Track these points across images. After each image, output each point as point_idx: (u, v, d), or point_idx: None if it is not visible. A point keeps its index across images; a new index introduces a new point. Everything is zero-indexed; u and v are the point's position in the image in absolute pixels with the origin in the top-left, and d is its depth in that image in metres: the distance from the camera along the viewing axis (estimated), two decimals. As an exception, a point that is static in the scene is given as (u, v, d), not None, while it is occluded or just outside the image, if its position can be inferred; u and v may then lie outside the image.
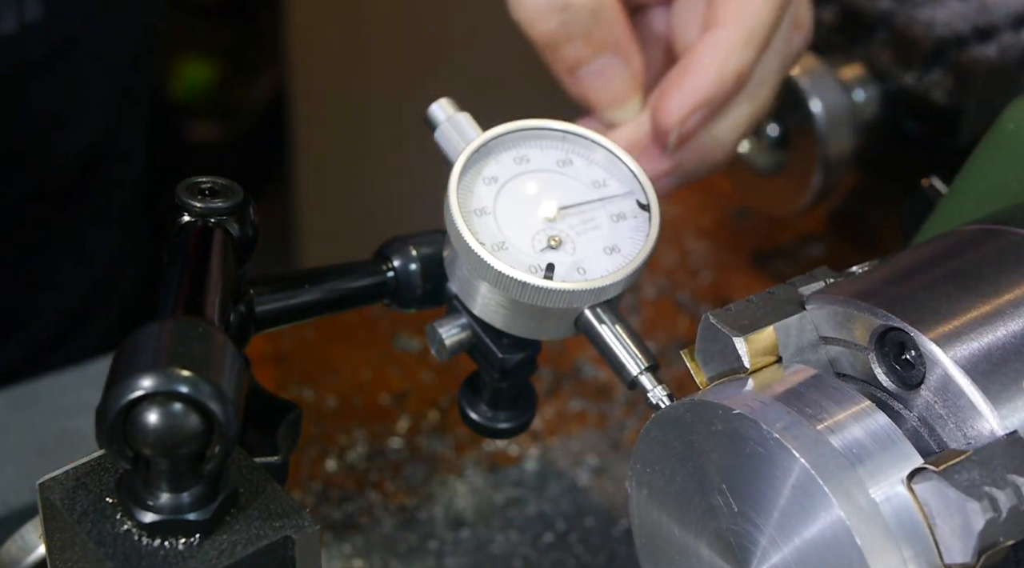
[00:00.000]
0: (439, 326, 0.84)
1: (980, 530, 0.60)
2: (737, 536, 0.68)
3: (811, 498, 0.63)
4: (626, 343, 0.80)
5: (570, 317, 0.81)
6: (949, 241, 0.76)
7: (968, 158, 0.85)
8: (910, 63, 1.23)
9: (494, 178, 0.83)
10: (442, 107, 0.86)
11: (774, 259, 1.35)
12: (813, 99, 1.25)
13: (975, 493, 0.61)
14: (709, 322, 0.70)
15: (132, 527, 0.65)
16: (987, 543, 0.61)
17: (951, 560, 0.61)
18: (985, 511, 0.60)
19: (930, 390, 0.67)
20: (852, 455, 0.64)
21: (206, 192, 0.76)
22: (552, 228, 0.82)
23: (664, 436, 0.70)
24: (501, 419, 0.87)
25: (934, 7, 1.25)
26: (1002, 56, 1.22)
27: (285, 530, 0.66)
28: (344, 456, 1.12)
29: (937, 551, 0.62)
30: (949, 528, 0.61)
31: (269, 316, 0.82)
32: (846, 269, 0.75)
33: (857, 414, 0.66)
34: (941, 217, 0.85)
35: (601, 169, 0.84)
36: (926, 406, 0.67)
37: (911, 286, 0.70)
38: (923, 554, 0.63)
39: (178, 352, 0.63)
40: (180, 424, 0.62)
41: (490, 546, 1.06)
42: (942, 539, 0.62)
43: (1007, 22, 1.25)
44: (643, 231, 0.82)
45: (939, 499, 0.62)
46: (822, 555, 0.64)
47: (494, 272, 0.79)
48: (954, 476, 0.62)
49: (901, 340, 0.67)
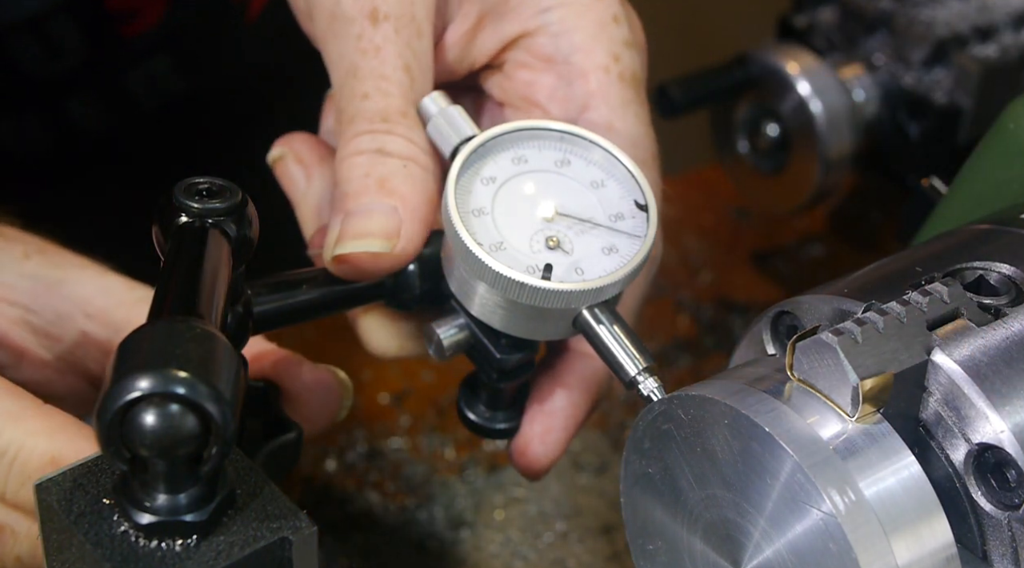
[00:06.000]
0: (437, 326, 0.84)
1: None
2: (730, 528, 0.68)
3: (802, 492, 0.64)
4: (624, 343, 0.80)
5: (568, 317, 0.81)
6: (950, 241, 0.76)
7: (968, 158, 0.85)
8: (910, 63, 1.23)
9: (492, 178, 0.83)
10: (434, 100, 0.86)
11: (774, 259, 1.35)
12: (813, 99, 1.25)
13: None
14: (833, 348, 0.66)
15: (129, 528, 0.65)
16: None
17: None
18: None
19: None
20: (843, 450, 0.64)
21: (204, 193, 0.76)
22: (550, 228, 0.81)
23: (658, 428, 0.70)
24: (499, 419, 0.87)
25: (934, 7, 1.25)
26: (1002, 56, 1.22)
27: (282, 531, 0.66)
28: (344, 456, 1.12)
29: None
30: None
31: (267, 317, 0.82)
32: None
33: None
34: (941, 217, 0.85)
35: (599, 169, 0.84)
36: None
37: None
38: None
39: (175, 353, 0.63)
40: (177, 425, 0.62)
41: (490, 546, 1.06)
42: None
43: (1007, 22, 1.25)
44: (641, 231, 0.82)
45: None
46: (813, 548, 0.64)
47: (492, 273, 0.79)
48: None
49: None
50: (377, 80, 0.85)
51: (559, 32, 0.89)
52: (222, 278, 0.73)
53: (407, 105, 0.85)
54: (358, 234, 0.82)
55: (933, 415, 0.67)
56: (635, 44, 0.90)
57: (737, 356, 0.78)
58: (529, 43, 0.89)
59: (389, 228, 0.82)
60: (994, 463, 0.65)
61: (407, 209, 0.82)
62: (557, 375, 0.88)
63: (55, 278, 0.88)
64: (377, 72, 0.85)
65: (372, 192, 0.83)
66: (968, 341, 0.67)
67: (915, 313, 0.67)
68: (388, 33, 0.85)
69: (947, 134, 1.22)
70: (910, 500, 0.65)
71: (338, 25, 0.86)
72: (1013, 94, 0.86)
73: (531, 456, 0.87)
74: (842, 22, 1.27)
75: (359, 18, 0.85)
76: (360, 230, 0.82)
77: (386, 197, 0.82)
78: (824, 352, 0.66)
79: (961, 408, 0.66)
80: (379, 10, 0.85)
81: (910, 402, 0.67)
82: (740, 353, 0.77)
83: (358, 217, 0.82)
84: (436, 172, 0.85)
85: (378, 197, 0.83)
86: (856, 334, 0.65)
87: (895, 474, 0.65)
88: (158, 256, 0.76)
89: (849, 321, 0.66)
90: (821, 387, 0.66)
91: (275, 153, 0.93)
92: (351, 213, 0.83)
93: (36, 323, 0.88)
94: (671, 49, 1.73)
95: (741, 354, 0.77)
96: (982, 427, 0.65)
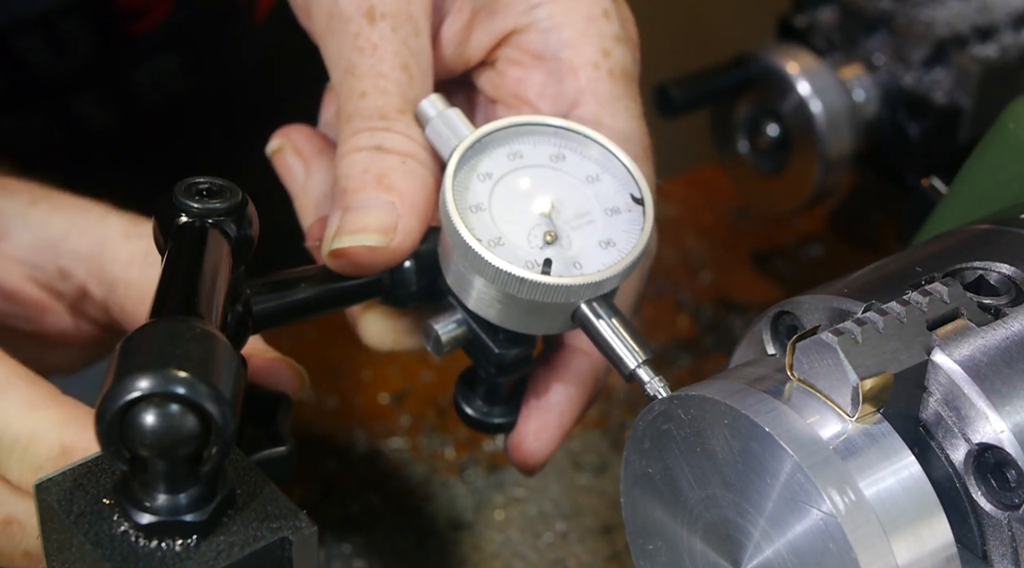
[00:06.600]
0: (434, 322, 0.84)
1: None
2: (730, 528, 0.68)
3: (802, 492, 0.64)
4: (623, 337, 0.80)
5: (567, 311, 0.81)
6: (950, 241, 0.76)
7: (968, 158, 0.85)
8: (910, 63, 1.23)
9: (489, 174, 0.83)
10: (432, 103, 0.86)
11: (774, 259, 1.35)
12: (813, 99, 1.25)
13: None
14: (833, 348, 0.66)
15: (129, 528, 0.65)
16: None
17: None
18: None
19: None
20: (843, 450, 0.64)
21: (204, 192, 0.76)
22: (547, 223, 0.82)
23: (658, 428, 0.70)
24: (496, 414, 0.88)
25: (934, 7, 1.25)
26: (1002, 56, 1.22)
27: (282, 531, 0.66)
28: (344, 456, 1.12)
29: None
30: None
31: (266, 316, 0.82)
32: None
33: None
34: (941, 217, 0.85)
35: (594, 164, 0.84)
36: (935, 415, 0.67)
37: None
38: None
39: (175, 353, 0.63)
40: (177, 425, 0.62)
41: (490, 546, 1.06)
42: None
43: (1007, 22, 1.25)
44: (638, 224, 0.82)
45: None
46: (813, 548, 0.64)
47: (492, 268, 0.79)
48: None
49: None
50: (375, 78, 0.85)
51: (548, 28, 0.89)
52: (222, 278, 0.73)
53: (405, 103, 0.85)
54: (355, 229, 0.82)
55: (933, 415, 0.67)
56: (626, 39, 0.90)
57: (737, 356, 0.78)
58: (520, 40, 0.90)
59: (386, 223, 0.82)
60: (994, 463, 0.65)
61: (405, 204, 0.83)
62: (553, 371, 0.88)
63: (59, 231, 0.90)
64: (375, 70, 0.85)
65: (370, 188, 0.83)
66: (968, 341, 0.67)
67: (915, 313, 0.67)
68: (385, 32, 0.85)
69: (947, 134, 1.22)
70: (910, 500, 0.65)
71: (336, 23, 0.86)
72: (1013, 94, 0.86)
73: (526, 452, 0.88)
74: (842, 22, 1.27)
75: (356, 16, 0.86)
76: (357, 225, 0.82)
77: (384, 193, 0.83)
78: (824, 352, 0.66)
79: (961, 408, 0.66)
80: (376, 9, 0.85)
81: (910, 402, 0.67)
82: (740, 353, 0.77)
83: (356, 212, 0.83)
84: (435, 169, 0.85)
85: (376, 193, 0.83)
86: (856, 334, 0.65)
87: (895, 474, 0.65)
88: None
89: (849, 321, 0.66)
90: (821, 387, 0.66)
91: (274, 145, 0.93)
92: (349, 208, 0.83)
93: (43, 279, 0.91)
94: (671, 49, 1.73)
95: (741, 354, 0.77)
96: (982, 427, 0.65)
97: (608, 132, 0.86)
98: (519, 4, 0.89)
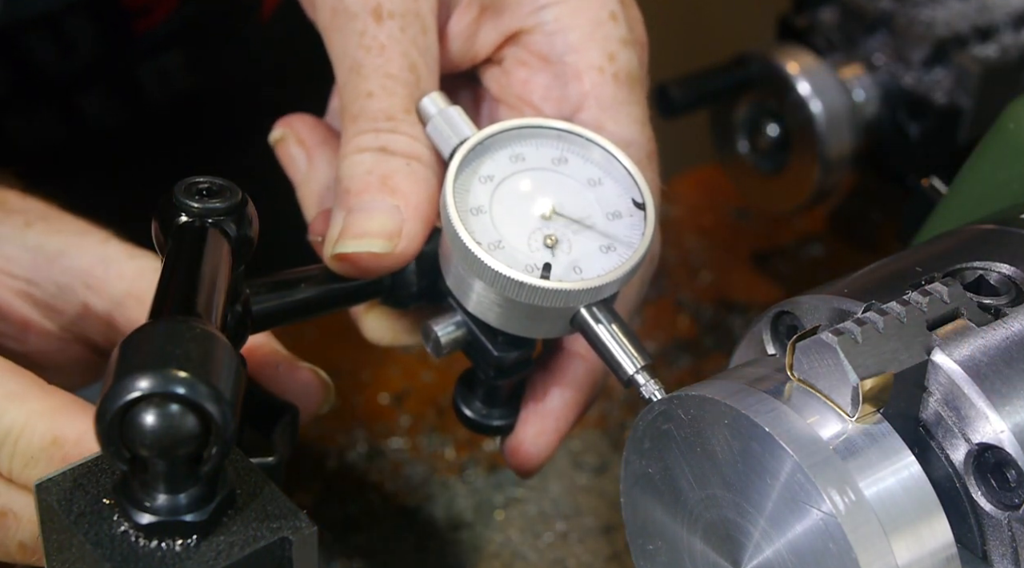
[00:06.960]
0: (434, 324, 0.84)
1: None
2: (730, 528, 0.68)
3: (802, 492, 0.64)
4: (622, 342, 0.80)
5: (566, 316, 0.81)
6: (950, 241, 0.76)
7: (968, 158, 0.85)
8: (910, 63, 1.23)
9: (490, 177, 0.83)
10: (433, 101, 0.85)
11: (774, 259, 1.35)
12: (813, 99, 1.25)
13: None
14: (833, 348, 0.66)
15: (129, 528, 0.65)
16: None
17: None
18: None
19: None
20: (843, 450, 0.64)
21: (204, 192, 0.76)
22: (548, 227, 0.81)
23: (658, 428, 0.70)
24: (495, 416, 0.87)
25: (934, 7, 1.25)
26: (1002, 56, 1.22)
27: (282, 531, 0.66)
28: (344, 456, 1.12)
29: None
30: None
31: (266, 316, 0.82)
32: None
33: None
34: (941, 217, 0.85)
35: (597, 168, 0.84)
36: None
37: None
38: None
39: (175, 353, 0.63)
40: (177, 425, 0.62)
41: (490, 546, 1.06)
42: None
43: (1007, 22, 1.25)
44: (639, 229, 0.82)
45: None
46: (813, 548, 0.64)
47: (491, 271, 0.79)
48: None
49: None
50: (383, 79, 0.84)
51: (554, 31, 0.88)
52: (222, 278, 0.73)
53: (411, 103, 0.85)
54: (359, 233, 0.82)
55: (933, 415, 0.67)
56: (633, 42, 0.90)
57: (737, 356, 0.78)
58: (526, 40, 0.89)
59: (391, 228, 0.82)
60: (994, 463, 0.65)
61: (409, 208, 0.82)
62: (552, 375, 0.88)
63: (56, 249, 0.88)
64: (382, 71, 0.85)
65: (374, 189, 0.82)
66: (968, 341, 0.67)
67: (915, 313, 0.67)
68: (393, 31, 0.85)
69: (947, 134, 1.22)
70: (910, 500, 0.65)
71: (340, 20, 0.86)
72: (1013, 94, 0.86)
73: (523, 456, 0.88)
74: (842, 22, 1.27)
75: (362, 14, 0.85)
76: (362, 229, 0.82)
77: (388, 195, 0.82)
78: (824, 352, 0.66)
79: (961, 408, 0.66)
80: (383, 7, 0.85)
81: (910, 402, 0.67)
82: (740, 353, 0.77)
83: (360, 215, 0.82)
84: (438, 170, 0.85)
85: (380, 195, 0.82)
86: (856, 334, 0.65)
87: (895, 474, 0.65)
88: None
89: (849, 321, 0.66)
90: (821, 387, 0.66)
91: (276, 134, 0.93)
92: (353, 210, 0.82)
93: (38, 295, 0.89)
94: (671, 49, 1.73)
95: (741, 354, 0.77)
96: (982, 427, 0.65)
97: (610, 137, 0.86)
98: (526, 5, 0.89)
